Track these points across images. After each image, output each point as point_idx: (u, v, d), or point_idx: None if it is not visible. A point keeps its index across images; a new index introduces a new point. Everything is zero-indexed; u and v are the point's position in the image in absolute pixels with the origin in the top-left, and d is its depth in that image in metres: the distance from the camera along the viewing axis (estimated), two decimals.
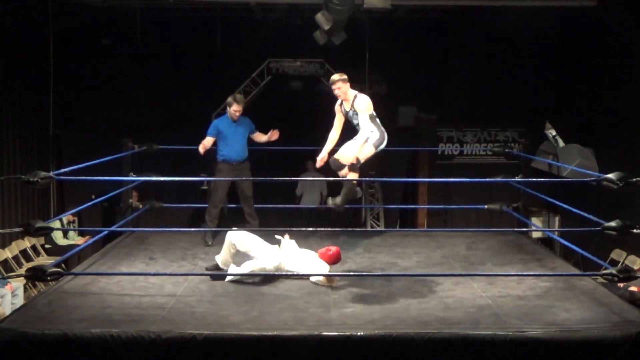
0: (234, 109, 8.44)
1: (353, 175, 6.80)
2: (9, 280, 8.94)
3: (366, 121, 6.76)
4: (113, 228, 8.62)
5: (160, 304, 6.16)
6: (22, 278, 8.31)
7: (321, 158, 7.08)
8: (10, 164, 10.75)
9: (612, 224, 6.25)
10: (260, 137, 8.76)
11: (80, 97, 12.76)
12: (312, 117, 12.95)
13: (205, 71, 12.90)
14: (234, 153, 8.50)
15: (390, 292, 6.61)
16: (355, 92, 6.94)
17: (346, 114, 6.99)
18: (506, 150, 10.67)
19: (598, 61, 11.65)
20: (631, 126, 10.57)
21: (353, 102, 6.85)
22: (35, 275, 6.14)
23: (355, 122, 6.89)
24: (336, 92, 6.91)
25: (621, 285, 7.33)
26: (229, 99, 8.50)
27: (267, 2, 11.50)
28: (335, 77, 6.90)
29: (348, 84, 6.90)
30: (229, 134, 8.47)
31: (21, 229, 6.24)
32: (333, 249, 7.18)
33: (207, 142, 8.46)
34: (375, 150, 6.80)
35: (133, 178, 8.96)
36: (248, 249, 6.96)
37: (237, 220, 9.20)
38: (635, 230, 6.21)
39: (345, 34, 11.00)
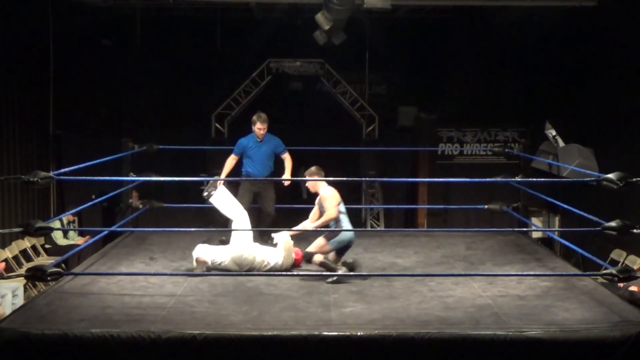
0: (257, 127, 8.43)
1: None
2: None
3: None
4: (113, 228, 8.62)
5: (160, 304, 6.16)
6: (22, 278, 8.31)
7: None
8: (10, 164, 10.74)
9: (612, 224, 6.25)
10: (286, 161, 8.64)
11: (80, 97, 12.76)
12: (312, 117, 13.00)
13: (205, 71, 12.89)
14: (256, 171, 8.49)
15: (390, 292, 6.61)
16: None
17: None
18: (506, 150, 10.66)
19: (598, 61, 11.64)
20: (631, 126, 10.56)
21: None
22: (35, 275, 6.16)
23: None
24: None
25: (621, 285, 7.33)
26: (254, 117, 8.47)
27: (267, 2, 11.51)
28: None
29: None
30: (253, 153, 8.47)
31: (21, 229, 6.25)
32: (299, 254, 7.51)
33: (231, 160, 8.43)
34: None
35: (133, 178, 8.97)
36: (224, 258, 7.24)
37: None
38: (635, 230, 6.21)
39: (345, 34, 11.00)
